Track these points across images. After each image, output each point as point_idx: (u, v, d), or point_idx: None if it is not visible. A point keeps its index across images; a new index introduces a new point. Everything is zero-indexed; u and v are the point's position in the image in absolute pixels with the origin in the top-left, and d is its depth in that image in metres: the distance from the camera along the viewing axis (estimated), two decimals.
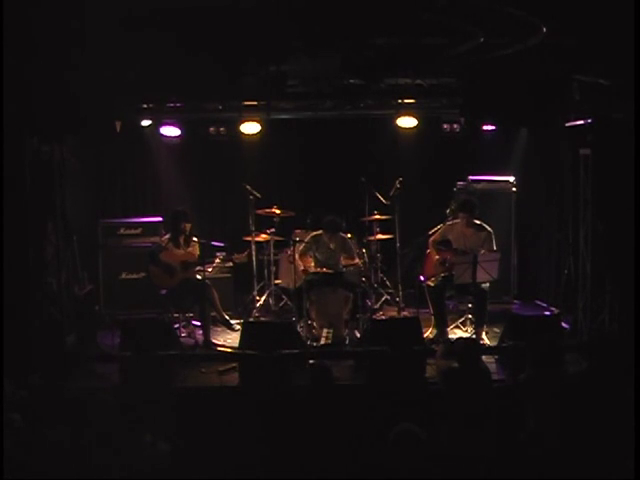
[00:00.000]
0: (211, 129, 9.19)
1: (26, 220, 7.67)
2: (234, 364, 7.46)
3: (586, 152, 8.38)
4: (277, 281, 9.73)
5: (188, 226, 8.70)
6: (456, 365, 5.78)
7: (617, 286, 8.02)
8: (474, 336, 8.18)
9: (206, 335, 8.46)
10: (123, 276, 9.54)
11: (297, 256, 8.78)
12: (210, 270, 8.84)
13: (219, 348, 8.35)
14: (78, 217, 9.09)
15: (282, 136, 9.88)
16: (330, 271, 8.65)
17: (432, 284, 8.50)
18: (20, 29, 6.67)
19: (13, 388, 5.95)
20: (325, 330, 8.33)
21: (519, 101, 7.82)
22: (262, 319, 9.28)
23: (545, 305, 9.71)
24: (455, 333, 8.54)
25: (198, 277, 8.65)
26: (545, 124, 8.52)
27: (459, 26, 6.88)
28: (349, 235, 9.08)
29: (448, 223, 8.81)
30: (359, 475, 4.66)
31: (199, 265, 8.57)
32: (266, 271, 9.67)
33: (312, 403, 5.37)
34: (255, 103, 8.75)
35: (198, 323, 8.78)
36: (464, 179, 9.92)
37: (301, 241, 8.96)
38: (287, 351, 7.28)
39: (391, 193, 9.37)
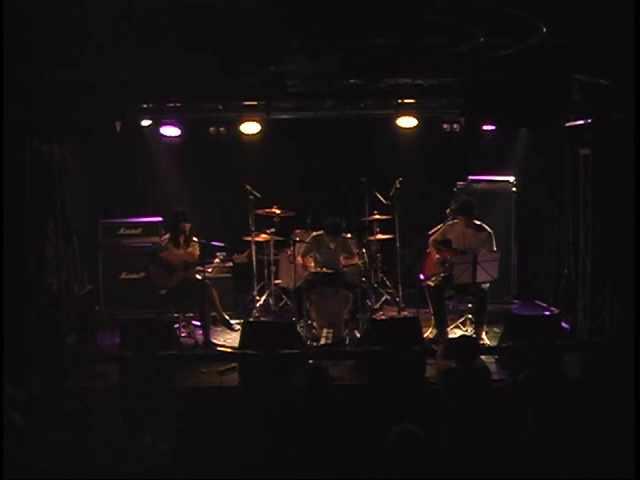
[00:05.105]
0: (211, 129, 9.19)
1: (26, 220, 7.66)
2: (234, 364, 7.47)
3: (586, 152, 8.38)
4: (277, 281, 9.73)
5: (188, 226, 8.70)
6: (456, 365, 5.78)
7: (617, 286, 8.02)
8: (474, 336, 8.18)
9: (206, 335, 8.46)
10: (123, 276, 9.55)
11: (299, 258, 8.78)
12: (210, 270, 8.83)
13: (219, 348, 8.35)
14: (78, 217, 9.08)
15: (282, 136, 9.88)
16: (330, 271, 8.65)
17: (432, 284, 8.50)
18: (20, 29, 6.66)
19: (13, 388, 5.94)
20: (325, 330, 8.34)
21: (519, 101, 7.80)
22: (262, 319, 9.28)
23: (545, 305, 9.72)
24: (455, 333, 8.53)
25: (198, 277, 8.65)
26: (545, 124, 8.50)
27: (459, 26, 6.87)
28: (349, 235, 9.09)
29: (448, 223, 8.81)
30: (359, 475, 4.66)
31: (199, 265, 8.57)
32: (266, 271, 9.68)
33: (312, 403, 5.36)
34: (255, 103, 8.75)
35: (198, 323, 8.78)
36: (464, 179, 9.92)
37: (301, 241, 8.96)
38: (287, 351, 7.26)
39: (391, 193, 9.38)
